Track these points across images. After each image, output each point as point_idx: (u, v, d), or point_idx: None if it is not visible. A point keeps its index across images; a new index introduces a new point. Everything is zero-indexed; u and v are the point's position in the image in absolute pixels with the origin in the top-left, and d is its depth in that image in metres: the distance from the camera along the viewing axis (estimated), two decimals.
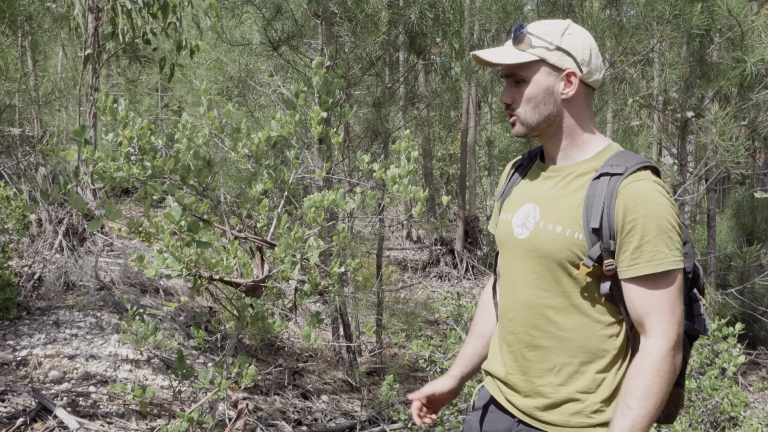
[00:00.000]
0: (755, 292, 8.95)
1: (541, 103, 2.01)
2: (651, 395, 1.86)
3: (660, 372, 1.87)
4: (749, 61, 6.48)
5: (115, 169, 3.41)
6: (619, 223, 1.89)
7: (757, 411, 5.86)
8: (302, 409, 5.84)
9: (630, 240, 1.88)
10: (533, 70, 2.00)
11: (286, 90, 6.62)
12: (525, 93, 2.01)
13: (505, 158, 13.07)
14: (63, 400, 4.72)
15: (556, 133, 2.06)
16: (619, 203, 1.89)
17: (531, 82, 2.01)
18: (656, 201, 1.88)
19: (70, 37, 10.50)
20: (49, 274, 6.56)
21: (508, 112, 2.08)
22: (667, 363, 1.88)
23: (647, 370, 1.88)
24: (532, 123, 2.03)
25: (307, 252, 3.47)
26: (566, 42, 2.01)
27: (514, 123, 2.07)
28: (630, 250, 1.89)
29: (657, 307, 1.89)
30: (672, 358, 1.88)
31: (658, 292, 1.89)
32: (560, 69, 2.01)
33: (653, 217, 1.87)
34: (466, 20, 8.69)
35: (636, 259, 1.88)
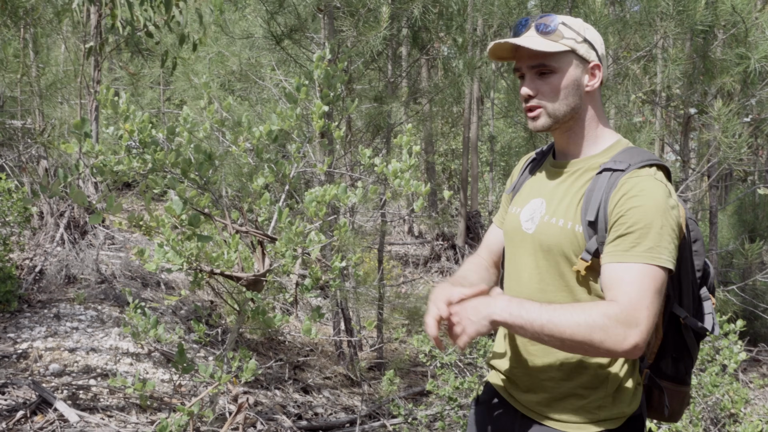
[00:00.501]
0: (756, 289, 8.94)
1: (570, 95, 2.00)
2: (561, 322, 1.77)
3: (591, 322, 1.76)
4: (753, 58, 6.46)
5: (115, 162, 3.40)
6: (611, 214, 1.87)
7: (758, 408, 5.85)
8: (303, 403, 5.84)
9: (617, 228, 1.85)
10: (565, 61, 1.99)
11: (288, 84, 6.62)
12: (554, 84, 1.98)
13: (507, 154, 13.05)
14: (63, 393, 4.72)
15: (574, 127, 2.06)
16: (614, 195, 1.88)
17: (561, 73, 1.99)
18: (651, 196, 1.85)
19: (72, 30, 10.49)
20: (50, 267, 6.56)
21: (530, 105, 2.02)
22: (604, 323, 1.76)
23: (588, 308, 1.80)
24: (559, 115, 2.01)
25: (309, 246, 3.46)
26: (589, 35, 2.02)
27: (538, 116, 2.01)
28: (612, 238, 1.86)
29: (624, 282, 1.81)
30: (610, 326, 1.76)
31: (628, 273, 1.81)
32: (587, 61, 2.01)
33: (644, 210, 1.83)
34: (469, 15, 8.67)
35: (615, 247, 1.84)
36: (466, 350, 5.35)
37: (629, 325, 1.75)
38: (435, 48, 11.09)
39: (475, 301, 1.86)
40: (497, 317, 1.81)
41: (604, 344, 1.76)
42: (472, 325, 1.82)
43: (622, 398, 1.98)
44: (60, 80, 8.97)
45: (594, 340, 1.75)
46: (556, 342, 1.79)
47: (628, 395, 1.98)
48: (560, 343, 1.79)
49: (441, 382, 5.14)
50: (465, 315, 1.83)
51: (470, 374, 5.28)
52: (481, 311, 1.82)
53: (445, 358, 5.21)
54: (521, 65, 2.03)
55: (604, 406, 1.97)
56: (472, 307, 1.85)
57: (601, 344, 1.76)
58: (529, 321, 1.78)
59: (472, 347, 5.33)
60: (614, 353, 1.78)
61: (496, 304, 1.83)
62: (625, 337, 1.75)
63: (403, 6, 6.73)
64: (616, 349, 1.76)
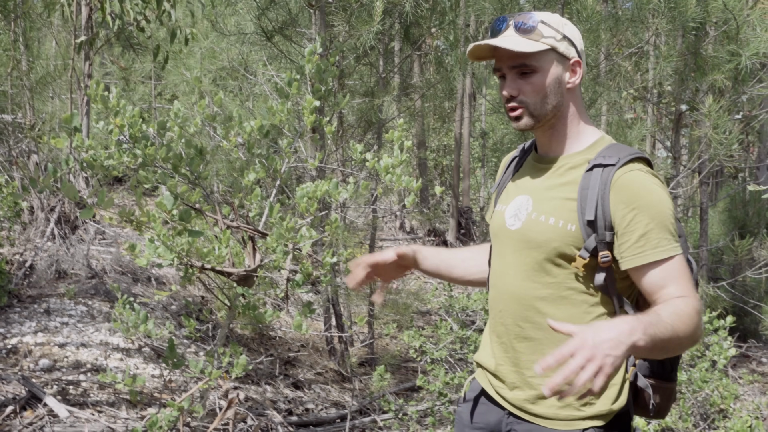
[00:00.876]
0: (746, 286, 8.98)
1: (551, 93, 1.99)
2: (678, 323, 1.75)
3: (694, 322, 1.79)
4: (744, 55, 6.47)
5: (106, 157, 3.39)
6: (617, 213, 1.89)
7: (747, 403, 5.88)
8: (293, 399, 5.84)
9: (633, 229, 1.87)
10: (546, 60, 1.98)
11: (280, 80, 6.60)
12: (536, 83, 1.98)
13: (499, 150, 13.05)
14: (53, 389, 4.71)
15: (556, 124, 2.06)
16: (614, 194, 1.89)
17: (542, 72, 1.98)
18: (654, 191, 1.89)
19: (63, 24, 10.45)
20: (40, 262, 6.54)
21: (512, 105, 2.01)
22: (697, 318, 1.81)
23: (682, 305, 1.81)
24: (542, 114, 2.00)
25: (300, 242, 3.46)
26: (568, 31, 2.01)
27: (521, 116, 2.01)
28: (634, 239, 1.87)
29: (674, 278, 1.87)
30: (699, 318, 1.82)
31: (671, 269, 1.87)
32: (567, 58, 2.01)
33: (653, 206, 1.87)
34: (461, 11, 8.66)
35: (642, 247, 1.87)
36: (457, 346, 5.36)
37: (702, 314, 1.87)
38: (427, 44, 11.09)
39: (603, 331, 1.62)
40: (641, 344, 1.64)
41: (698, 336, 1.83)
42: (611, 360, 1.58)
43: (609, 395, 1.98)
44: (50, 74, 8.93)
45: (697, 332, 1.82)
46: (674, 348, 1.82)
47: (615, 392, 1.99)
48: (675, 348, 1.82)
49: (431, 378, 5.15)
50: (601, 350, 1.58)
51: (461, 370, 5.29)
52: (618, 343, 1.60)
53: (436, 353, 5.21)
54: (501, 65, 2.02)
55: (591, 402, 1.97)
56: (604, 339, 1.60)
57: (697, 337, 1.83)
58: (662, 337, 1.71)
59: (463, 342, 5.34)
60: (697, 343, 1.94)
61: (629, 329, 1.64)
62: (702, 325, 1.84)
63: (395, 0, 6.72)
64: (701, 334, 1.86)
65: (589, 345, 1.58)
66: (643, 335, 1.64)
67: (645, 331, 1.65)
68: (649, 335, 1.66)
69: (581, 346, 1.58)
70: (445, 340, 5.34)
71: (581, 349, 1.58)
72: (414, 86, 9.33)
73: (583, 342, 1.59)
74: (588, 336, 1.60)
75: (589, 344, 1.58)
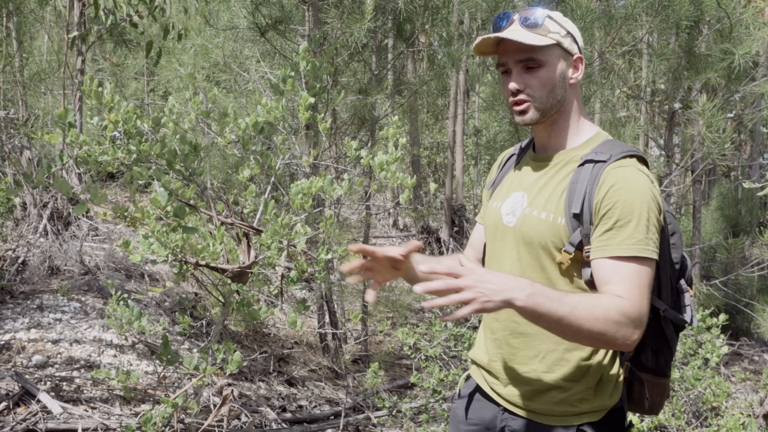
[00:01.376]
0: (739, 284, 9.01)
1: (557, 88, 2.01)
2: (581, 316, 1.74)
3: (608, 317, 1.76)
4: (737, 54, 6.50)
5: (100, 153, 3.38)
6: (597, 206, 1.88)
7: (739, 401, 5.90)
8: (287, 396, 5.84)
9: (605, 222, 1.87)
10: (552, 55, 1.99)
11: (273, 77, 6.59)
12: (543, 77, 1.99)
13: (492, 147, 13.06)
14: (47, 385, 4.70)
15: (558, 120, 2.07)
16: (600, 187, 1.89)
17: (549, 67, 1.99)
18: (638, 188, 1.87)
19: (55, 20, 10.42)
20: (33, 258, 6.52)
21: (518, 99, 2.01)
22: (616, 320, 1.77)
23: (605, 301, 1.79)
24: (547, 108, 2.01)
25: (294, 238, 3.46)
26: (570, 27, 2.04)
27: (526, 110, 2.01)
28: (601, 231, 1.87)
29: (623, 278, 1.83)
30: (620, 323, 1.77)
31: (626, 268, 1.84)
32: (570, 54, 2.03)
33: (631, 202, 1.85)
34: (454, 7, 8.66)
35: (606, 241, 1.86)
36: (451, 343, 5.37)
37: (636, 324, 1.80)
38: (420, 41, 11.09)
39: (494, 275, 1.71)
40: (518, 302, 1.69)
41: (614, 339, 1.79)
42: (485, 299, 1.66)
43: (604, 391, 1.99)
44: (43, 70, 8.90)
45: (607, 334, 1.77)
46: (568, 333, 1.78)
47: (610, 388, 1.99)
48: (572, 334, 1.78)
49: (425, 375, 5.16)
50: (482, 286, 1.66)
51: (455, 367, 5.30)
52: (500, 291, 1.67)
53: (430, 350, 5.22)
54: (507, 60, 2.02)
55: (586, 398, 1.97)
56: (491, 281, 1.68)
57: (612, 339, 1.79)
58: (548, 311, 1.71)
59: (457, 339, 5.34)
60: (616, 347, 1.82)
61: (518, 286, 1.70)
62: (631, 335, 1.80)
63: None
64: (622, 343, 1.80)
65: (475, 278, 1.67)
66: (525, 298, 1.68)
67: (530, 296, 1.69)
68: (534, 302, 1.69)
69: (469, 274, 1.67)
70: (440, 338, 5.34)
71: (467, 276, 1.67)
72: (407, 83, 9.32)
73: (471, 272, 1.68)
74: (478, 271, 1.69)
75: (476, 277, 1.67)
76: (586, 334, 1.76)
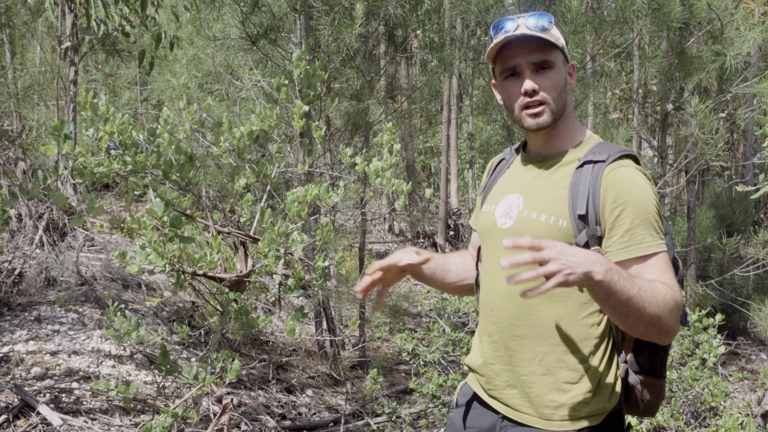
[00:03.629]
0: (735, 283, 9.03)
1: (563, 91, 2.04)
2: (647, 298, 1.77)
3: (666, 303, 1.80)
4: (728, 55, 6.52)
5: (96, 164, 3.39)
6: (606, 208, 1.91)
7: (737, 401, 5.91)
8: (286, 403, 5.84)
9: (620, 224, 1.89)
10: (559, 58, 2.03)
11: (266, 84, 6.60)
12: (554, 79, 2.01)
13: (486, 151, 13.10)
14: (46, 397, 4.70)
15: (558, 124, 2.08)
16: (605, 188, 1.91)
17: (558, 69, 2.02)
18: (641, 186, 1.92)
19: (47, 31, 10.42)
20: (29, 270, 6.52)
21: (534, 100, 2.01)
22: (671, 306, 1.81)
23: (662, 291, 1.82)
24: (558, 110, 2.03)
25: (291, 246, 3.47)
26: (563, 37, 2.07)
27: (542, 112, 2.02)
28: (620, 233, 1.90)
29: (655, 270, 1.88)
30: (674, 309, 1.82)
31: (654, 263, 1.89)
32: (568, 60, 2.07)
33: (640, 201, 1.90)
34: (445, 11, 8.69)
35: (627, 242, 1.89)
36: (449, 348, 5.38)
37: (681, 312, 1.86)
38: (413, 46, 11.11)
39: (575, 249, 1.72)
40: (597, 276, 1.69)
41: (666, 326, 1.82)
42: (568, 271, 1.66)
43: (603, 393, 1.99)
44: (37, 82, 8.90)
45: (663, 319, 1.81)
46: (631, 316, 1.78)
47: (609, 390, 2.00)
48: (633, 317, 1.78)
49: (424, 380, 5.16)
50: (565, 258, 1.67)
51: (453, 372, 5.31)
52: (581, 263, 1.68)
53: (428, 356, 5.23)
54: (519, 62, 2.01)
55: (586, 401, 1.98)
56: (573, 253, 1.70)
57: (665, 325, 1.82)
58: (621, 289, 1.73)
59: (455, 344, 5.35)
60: (667, 336, 1.86)
61: (597, 260, 1.71)
62: (678, 323, 1.85)
63: (378, 3, 6.74)
64: (671, 332, 1.85)
65: (558, 250, 1.67)
66: (604, 273, 1.70)
67: (608, 272, 1.71)
68: (610, 279, 1.71)
69: (552, 246, 1.68)
70: (438, 343, 5.35)
71: (551, 248, 1.67)
72: (400, 88, 9.35)
73: (554, 245, 1.68)
74: (559, 245, 1.69)
75: (558, 249, 1.68)
76: (647, 319, 1.79)
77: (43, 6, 7.33)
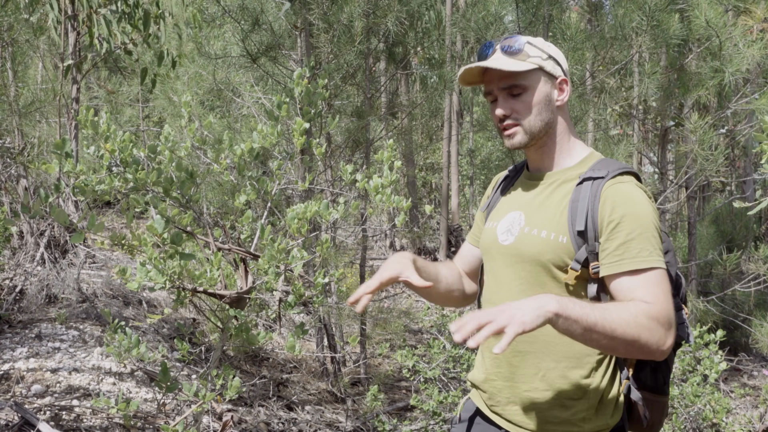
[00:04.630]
0: (736, 299, 9.03)
1: (543, 110, 2.06)
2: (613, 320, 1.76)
3: (638, 323, 1.78)
4: (727, 71, 6.55)
5: (96, 182, 3.40)
6: (603, 222, 1.91)
7: (739, 417, 5.90)
8: (287, 420, 5.83)
9: (614, 237, 1.90)
10: (534, 78, 2.05)
11: (267, 101, 6.63)
12: (527, 101, 2.04)
13: (487, 167, 13.09)
14: (46, 414, 4.69)
15: (548, 142, 2.11)
16: (603, 204, 1.92)
17: (532, 90, 2.05)
18: (640, 202, 1.92)
19: (49, 48, 10.47)
20: (30, 287, 6.52)
21: (505, 124, 2.07)
22: (649, 325, 1.79)
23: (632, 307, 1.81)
24: (535, 131, 2.06)
25: (291, 263, 3.47)
26: (552, 51, 2.09)
27: (514, 134, 2.07)
28: (614, 247, 1.90)
29: (645, 285, 1.86)
30: (653, 327, 1.79)
31: (645, 278, 1.86)
32: (554, 77, 2.08)
33: (637, 216, 1.90)
34: (446, 29, 8.73)
35: (620, 255, 1.89)
36: (450, 364, 5.37)
37: (667, 327, 1.82)
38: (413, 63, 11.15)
39: (522, 301, 1.72)
40: (557, 310, 1.70)
41: (648, 344, 1.80)
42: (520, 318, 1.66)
43: (605, 410, 1.99)
44: (39, 99, 8.94)
45: (641, 339, 1.79)
46: (603, 341, 1.77)
47: (611, 407, 2.00)
48: (607, 341, 1.78)
49: (425, 397, 5.15)
50: (512, 311, 1.68)
51: (454, 389, 5.30)
52: (536, 306, 1.69)
53: (429, 372, 5.22)
54: (492, 88, 2.08)
55: (588, 418, 1.98)
56: (519, 305, 1.70)
57: (645, 344, 1.80)
58: (583, 316, 1.73)
59: (456, 361, 5.34)
60: (653, 353, 1.83)
61: (550, 297, 1.73)
62: (666, 339, 1.82)
63: (377, 20, 6.77)
64: (657, 349, 1.82)
65: (508, 315, 1.66)
66: (557, 305, 1.70)
67: (561, 304, 1.71)
68: (565, 308, 1.71)
69: (501, 312, 1.68)
70: (438, 359, 5.34)
71: (501, 315, 1.67)
72: (401, 105, 9.38)
73: (502, 312, 1.68)
74: (506, 308, 1.69)
75: (508, 314, 1.66)
76: (620, 341, 1.78)
77: (45, 24, 7.37)
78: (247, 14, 6.61)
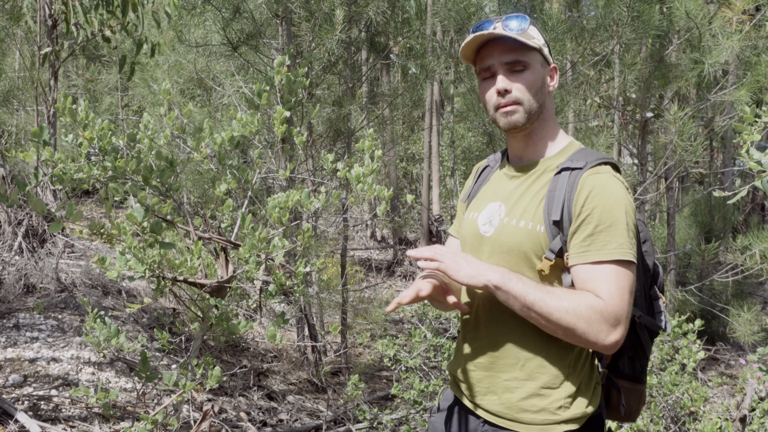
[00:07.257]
0: (714, 289, 9.11)
1: (540, 92, 2.06)
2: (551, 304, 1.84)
3: (578, 313, 1.82)
4: (707, 63, 6.59)
5: (75, 170, 3.37)
6: (576, 212, 1.91)
7: (717, 405, 5.95)
8: (267, 409, 5.82)
9: (584, 227, 1.90)
10: (536, 59, 2.05)
11: (248, 90, 6.60)
12: (529, 79, 2.02)
13: (467, 158, 13.12)
14: (24, 404, 4.65)
15: (536, 128, 2.10)
16: (579, 194, 1.92)
17: (533, 70, 2.04)
18: (614, 193, 1.91)
19: (26, 36, 10.36)
20: (8, 277, 6.46)
21: (505, 101, 2.03)
22: (588, 317, 1.82)
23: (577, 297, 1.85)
24: (533, 111, 2.04)
25: (272, 252, 3.46)
26: (544, 40, 2.08)
27: (514, 111, 2.03)
28: (582, 238, 1.90)
29: (602, 279, 1.87)
30: (594, 320, 1.82)
31: (606, 271, 1.87)
32: (548, 62, 2.09)
33: (610, 208, 1.89)
34: (428, 20, 8.72)
35: (587, 246, 1.89)
36: (430, 353, 5.38)
37: (612, 323, 1.83)
38: (394, 52, 11.13)
39: (476, 261, 1.92)
40: (495, 282, 1.86)
41: (585, 335, 1.83)
42: (467, 271, 1.88)
43: (583, 398, 2.00)
44: (17, 87, 8.85)
45: (577, 329, 1.83)
46: (542, 321, 1.86)
47: (589, 394, 2.01)
48: (546, 323, 1.86)
49: (406, 386, 5.16)
50: (460, 262, 1.90)
51: (435, 378, 5.31)
52: (481, 271, 1.88)
53: (410, 362, 5.22)
54: (493, 62, 2.04)
55: (566, 406, 1.98)
56: (470, 260, 1.91)
57: (582, 334, 1.83)
58: (522, 293, 1.84)
59: (437, 350, 5.35)
60: (594, 345, 1.86)
61: (495, 269, 1.89)
62: (607, 334, 1.83)
63: (359, 9, 6.75)
64: (596, 342, 1.84)
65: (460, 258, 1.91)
66: (501, 278, 1.87)
67: (507, 279, 1.87)
68: (511, 284, 1.86)
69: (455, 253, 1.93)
70: (419, 348, 5.35)
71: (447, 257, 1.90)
72: (382, 95, 9.36)
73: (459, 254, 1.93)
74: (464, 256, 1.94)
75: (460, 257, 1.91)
76: (557, 325, 1.84)
77: (21, 11, 7.29)
78: (228, 2, 6.57)
